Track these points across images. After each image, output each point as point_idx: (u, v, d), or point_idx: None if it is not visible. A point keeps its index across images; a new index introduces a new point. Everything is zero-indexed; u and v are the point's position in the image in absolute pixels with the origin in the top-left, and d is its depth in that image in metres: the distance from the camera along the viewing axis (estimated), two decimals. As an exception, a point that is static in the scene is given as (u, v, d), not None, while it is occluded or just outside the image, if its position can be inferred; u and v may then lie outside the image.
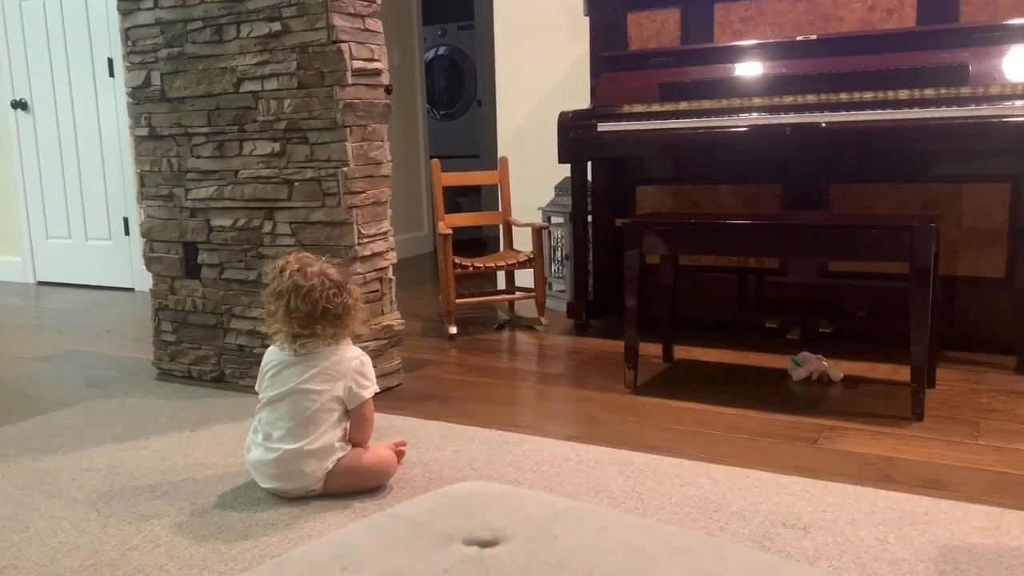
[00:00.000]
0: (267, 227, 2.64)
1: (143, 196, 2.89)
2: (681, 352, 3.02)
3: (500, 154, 4.05)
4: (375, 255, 2.59)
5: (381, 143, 2.61)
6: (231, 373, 2.80)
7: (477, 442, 2.18)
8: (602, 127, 3.16)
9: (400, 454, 2.01)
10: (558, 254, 3.87)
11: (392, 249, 2.68)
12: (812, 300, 3.11)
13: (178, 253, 2.84)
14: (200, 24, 2.64)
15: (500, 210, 3.71)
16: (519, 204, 3.98)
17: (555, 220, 3.84)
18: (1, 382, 2.95)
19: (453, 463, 2.04)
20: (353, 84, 2.48)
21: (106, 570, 1.57)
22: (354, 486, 1.88)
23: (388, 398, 2.59)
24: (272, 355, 1.94)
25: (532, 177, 4.05)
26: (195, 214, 2.78)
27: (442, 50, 7.34)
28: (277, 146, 2.58)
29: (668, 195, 3.39)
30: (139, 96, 2.82)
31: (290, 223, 2.60)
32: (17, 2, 4.82)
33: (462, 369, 2.94)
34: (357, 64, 2.48)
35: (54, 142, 4.88)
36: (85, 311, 4.22)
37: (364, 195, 2.54)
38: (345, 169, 2.49)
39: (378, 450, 1.94)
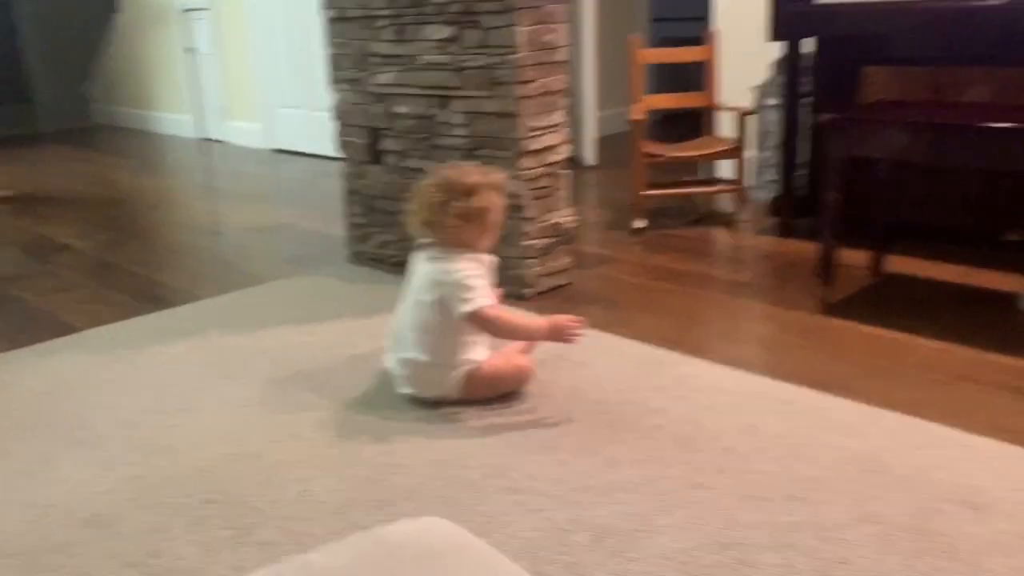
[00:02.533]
0: (442, 116, 2.58)
1: (334, 79, 2.92)
2: (893, 264, 2.66)
3: (715, 25, 3.67)
4: (545, 149, 2.46)
5: (556, 25, 2.43)
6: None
7: (629, 358, 2.07)
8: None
9: (568, 338, 1.85)
10: (771, 140, 3.51)
11: (565, 143, 2.53)
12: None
13: (364, 139, 2.87)
14: (380, -100, 2.53)
15: (705, 90, 3.39)
16: (736, 81, 3.62)
17: (770, 102, 3.46)
18: (216, 253, 3.22)
19: (597, 381, 1.95)
20: (526, -37, 2.29)
21: (247, 461, 1.67)
22: (491, 392, 1.87)
23: (554, 298, 2.52)
24: (414, 258, 1.92)
25: (752, 52, 3.65)
26: (379, 99, 2.78)
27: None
28: (451, 31, 2.47)
29: (902, 78, 2.91)
30: (328, -24, 2.80)
31: (463, 113, 2.52)
32: None
33: (639, 270, 2.79)
34: (531, -61, 2.28)
35: (288, 14, 5.08)
36: (306, 181, 4.47)
37: (535, 84, 2.40)
38: (514, 56, 2.34)
39: (513, 358, 1.90)
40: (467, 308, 1.79)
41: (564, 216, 2.58)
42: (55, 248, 3.33)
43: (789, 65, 2.96)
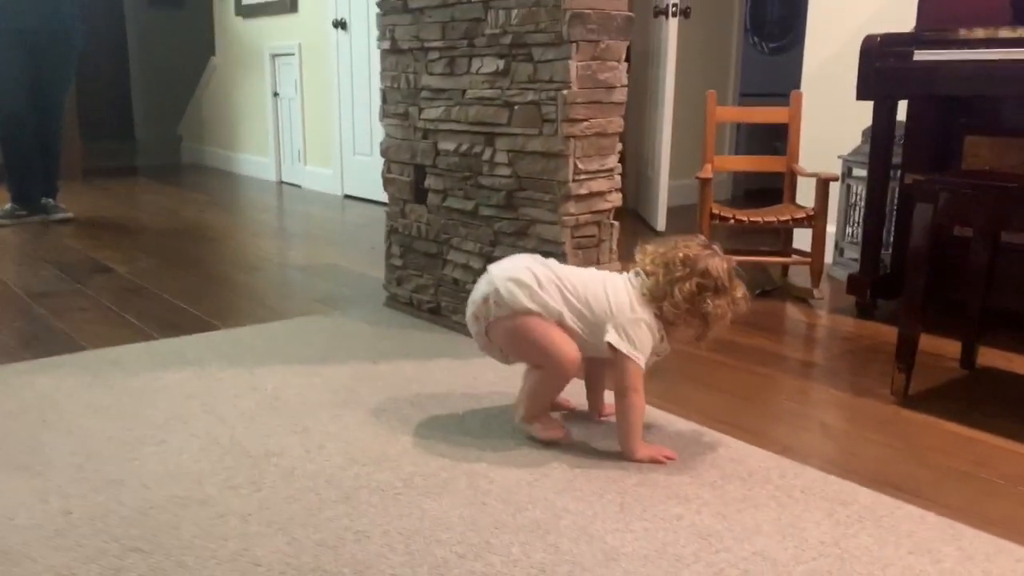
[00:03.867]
0: (487, 154, 2.39)
1: (384, 114, 2.78)
2: (988, 357, 2.30)
3: (803, 90, 3.41)
4: (592, 195, 2.23)
5: (616, 64, 2.22)
6: (446, 306, 2.63)
7: (663, 435, 1.77)
8: (920, 55, 2.45)
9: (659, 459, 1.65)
10: (856, 214, 3.20)
11: (617, 190, 2.30)
12: None
13: (409, 176, 2.71)
14: (441, -74, 2.41)
15: (787, 155, 3.12)
16: (821, 152, 3.34)
17: (857, 173, 3.16)
18: (251, 287, 3.08)
19: (618, 455, 1.66)
20: (586, -10, 2.11)
21: (193, 507, 1.45)
22: (519, 351, 1.71)
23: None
24: None
25: (839, 120, 3.37)
26: (426, 135, 2.61)
27: (780, -26, 6.54)
28: (502, 63, 2.30)
29: (1011, 150, 2.58)
30: (385, 7, 2.69)
31: (508, 151, 2.32)
32: (344, -76, 5.01)
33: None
34: (593, -33, 2.10)
35: (366, 62, 5.07)
36: (366, 226, 4.35)
37: (586, 124, 2.18)
38: (565, 92, 2.14)
39: (561, 343, 1.65)
40: (626, 347, 1.62)
41: (609, 269, 2.33)
42: (94, 269, 3.26)
43: (880, 130, 2.67)
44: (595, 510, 1.45)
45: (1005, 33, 2.35)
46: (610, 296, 1.65)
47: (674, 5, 4.03)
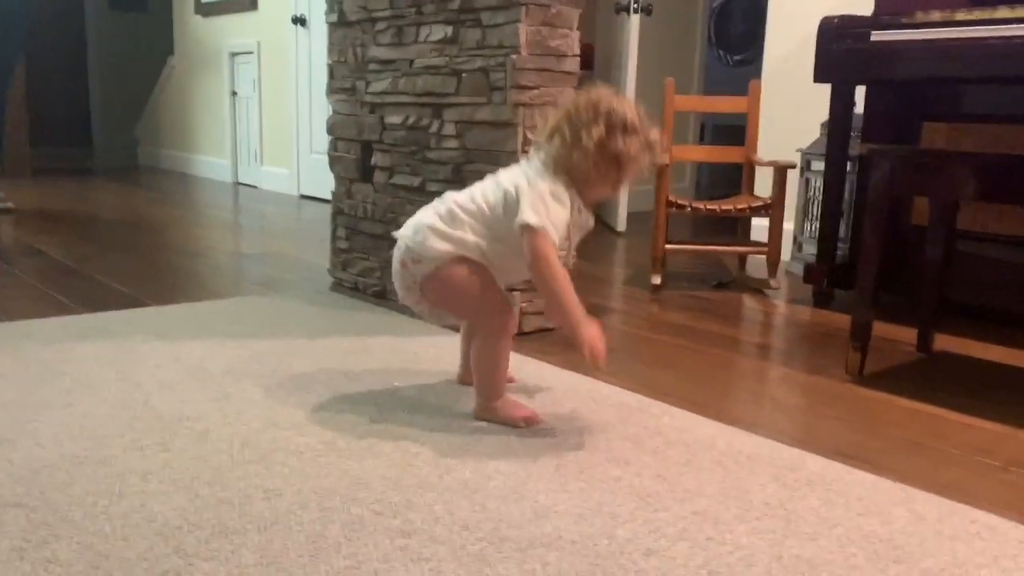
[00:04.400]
0: (434, 126, 2.31)
1: (330, 89, 2.70)
2: (945, 343, 2.24)
3: (763, 85, 3.37)
4: (541, 166, 2.15)
5: (568, 31, 2.15)
6: (392, 289, 2.53)
7: (609, 405, 1.68)
8: (878, 36, 2.41)
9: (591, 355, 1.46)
10: (815, 209, 3.15)
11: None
12: None
13: (355, 153, 2.61)
14: None
15: (746, 145, 3.07)
16: (780, 145, 3.30)
17: (816, 166, 3.12)
18: (190, 271, 2.95)
19: (563, 422, 1.57)
20: (536, -46, 2.04)
21: (91, 466, 1.32)
22: (446, 303, 1.58)
23: (540, 341, 2.16)
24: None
25: (798, 114, 3.34)
26: (373, 109, 2.52)
27: (744, -12, 6.57)
28: (450, 30, 2.22)
29: (969, 136, 2.54)
30: (333, -22, 2.60)
31: (456, 122, 2.24)
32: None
33: (646, 324, 2.42)
34: (544, -71, 2.03)
35: (325, 58, 4.96)
36: (318, 222, 4.23)
37: (536, 92, 2.10)
38: (515, 57, 2.06)
39: (491, 291, 1.53)
40: (528, 219, 1.42)
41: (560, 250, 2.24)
42: (26, 253, 3.11)
43: (837, 114, 2.62)
44: (529, 471, 1.35)
45: (962, 15, 2.32)
46: (507, 187, 1.51)
47: (635, 1, 4.00)
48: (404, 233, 1.58)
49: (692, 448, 1.47)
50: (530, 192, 1.47)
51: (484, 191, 1.55)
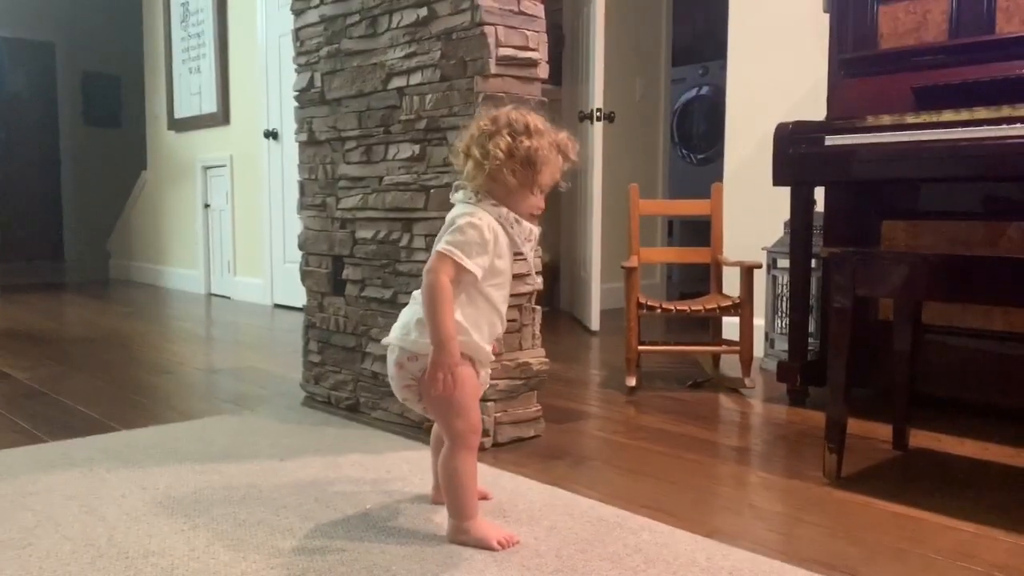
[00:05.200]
0: (404, 240, 2.33)
1: (301, 206, 2.73)
2: (920, 439, 2.25)
3: (726, 186, 3.47)
4: (513, 278, 2.17)
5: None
6: (365, 402, 2.51)
7: (585, 521, 1.65)
8: (831, 140, 2.50)
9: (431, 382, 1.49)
10: (783, 305, 3.19)
11: (536, 272, 2.24)
12: None
13: (327, 267, 2.63)
14: (357, 17, 2.43)
15: (712, 246, 3.13)
16: (745, 245, 3.37)
17: (782, 264, 3.18)
18: (160, 390, 2.91)
19: (540, 542, 1.53)
20: (498, 75, 2.11)
21: (48, 613, 1.27)
22: (435, 406, 1.55)
23: (515, 451, 2.14)
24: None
25: (762, 213, 3.43)
26: (344, 225, 2.55)
27: (704, 90, 6.81)
28: (417, 148, 2.27)
29: (927, 233, 2.61)
30: (303, 100, 2.68)
31: (426, 236, 2.27)
32: (276, 37, 5.10)
33: (622, 428, 2.41)
34: (505, 52, 2.11)
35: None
36: (291, 332, 4.21)
37: (502, 205, 2.14)
38: (480, 172, 2.11)
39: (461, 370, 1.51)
40: (440, 246, 1.50)
41: (533, 357, 2.25)
42: (-9, 376, 3.06)
43: (798, 215, 2.69)
44: (505, 600, 1.32)
45: (911, 118, 2.41)
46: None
47: (598, 110, 4.13)
48: (394, 335, 1.58)
49: (672, 566, 1.44)
50: (446, 229, 1.54)
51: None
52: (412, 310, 1.58)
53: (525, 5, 2.16)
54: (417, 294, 1.57)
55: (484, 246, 1.51)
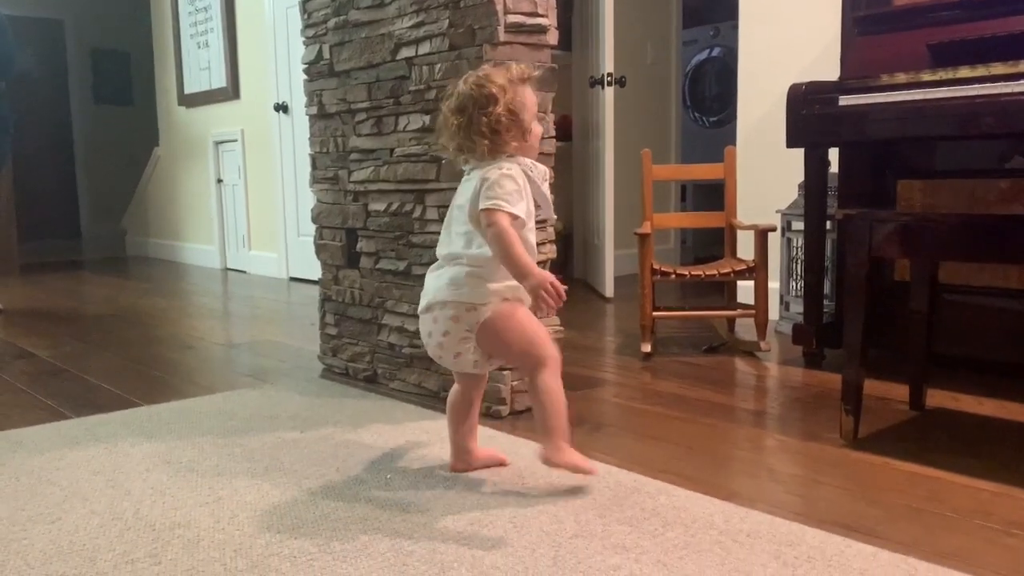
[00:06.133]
0: (417, 211, 2.34)
1: (314, 180, 2.74)
2: (937, 399, 2.25)
3: (739, 148, 3.44)
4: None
5: (542, 115, 2.19)
6: (383, 373, 2.53)
7: (604, 485, 1.67)
8: (845, 100, 2.47)
9: (544, 301, 1.56)
10: (799, 268, 3.18)
11: (550, 241, 2.24)
12: None
13: (341, 240, 2.64)
14: (364, -13, 2.41)
15: (725, 210, 3.12)
16: (760, 208, 3.36)
17: (796, 226, 3.16)
18: (178, 363, 2.95)
19: (558, 509, 1.55)
20: (507, 42, 2.10)
21: (80, 585, 1.30)
22: (504, 352, 1.66)
23: (531, 419, 2.14)
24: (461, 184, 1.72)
25: (776, 176, 3.40)
26: (356, 198, 2.56)
27: (716, 51, 6.72)
28: (428, 119, 2.27)
29: (943, 192, 2.57)
30: (312, 72, 2.67)
31: (438, 207, 2.27)
32: (284, 9, 5.07)
33: (639, 394, 2.42)
34: (514, 19, 2.10)
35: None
36: (309, 305, 4.25)
37: (514, 174, 2.13)
38: (491, 142, 2.10)
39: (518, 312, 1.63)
40: (482, 205, 1.56)
41: (548, 325, 2.25)
42: (14, 356, 3.10)
43: (812, 177, 2.67)
44: (526, 565, 1.34)
45: (927, 76, 2.38)
46: (463, 202, 1.64)
47: (609, 74, 4.09)
48: (443, 294, 1.62)
49: (691, 529, 1.46)
50: (483, 187, 1.58)
51: (457, 224, 1.65)
52: (453, 271, 1.62)
53: (533, -30, 2.13)
54: (457, 255, 1.63)
55: (520, 192, 1.59)
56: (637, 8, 4.97)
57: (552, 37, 2.20)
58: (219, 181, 6.04)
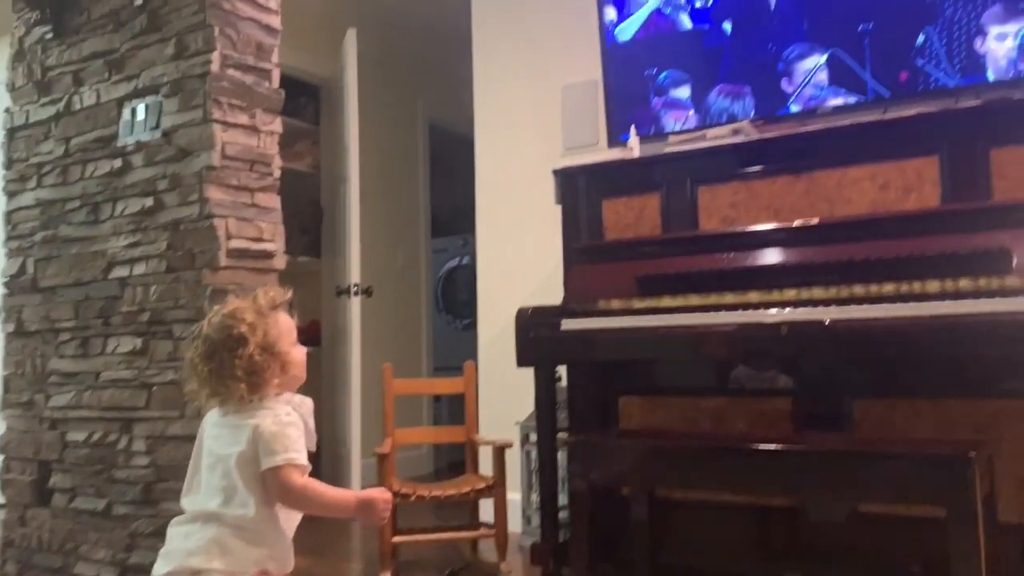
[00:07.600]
0: (123, 442, 2.13)
1: (5, 404, 2.43)
2: (665, 617, 2.28)
3: (481, 360, 3.53)
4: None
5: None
6: (72, 633, 2.18)
7: None
8: (567, 324, 2.62)
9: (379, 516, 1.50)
10: (536, 481, 3.22)
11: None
12: (843, 546, 2.38)
13: (32, 474, 2.33)
14: (78, 203, 2.30)
15: (466, 424, 3.13)
16: (504, 418, 3.40)
17: (535, 438, 3.23)
18: None
19: None
20: (228, 267, 2.04)
21: None
22: None
23: None
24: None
25: (515, 388, 3.49)
26: (54, 425, 2.29)
27: (465, 260, 7.08)
28: (140, 342, 2.12)
29: (657, 408, 2.77)
30: (13, 287, 2.45)
31: (147, 437, 2.08)
32: None
33: (370, 635, 2.25)
34: (237, 244, 2.06)
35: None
36: None
37: (232, 403, 2.01)
38: (208, 368, 1.98)
39: None
40: (269, 464, 1.40)
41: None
42: None
43: (542, 395, 2.76)
44: None
45: (636, 303, 2.59)
46: (235, 451, 1.45)
47: (355, 285, 4.12)
48: (200, 560, 1.41)
49: None
50: (263, 441, 1.43)
51: (215, 475, 1.46)
52: (213, 532, 1.43)
53: (259, 198, 2.13)
54: (215, 515, 1.45)
55: (302, 435, 1.50)
56: (386, 216, 5.13)
57: (280, 262, 2.17)
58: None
